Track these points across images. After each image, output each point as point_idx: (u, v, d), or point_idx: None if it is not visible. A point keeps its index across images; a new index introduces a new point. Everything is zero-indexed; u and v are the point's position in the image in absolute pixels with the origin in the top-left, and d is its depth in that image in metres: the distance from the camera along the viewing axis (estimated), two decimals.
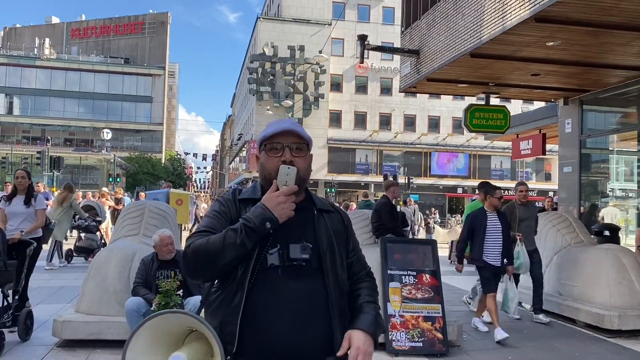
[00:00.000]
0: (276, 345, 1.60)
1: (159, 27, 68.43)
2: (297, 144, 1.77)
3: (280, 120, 1.88)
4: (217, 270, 1.63)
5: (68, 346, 5.06)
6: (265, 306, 1.62)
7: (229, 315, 1.62)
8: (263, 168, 1.77)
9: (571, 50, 8.05)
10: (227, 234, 1.60)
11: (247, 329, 1.61)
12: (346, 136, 44.51)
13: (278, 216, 1.62)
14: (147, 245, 5.71)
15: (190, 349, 1.60)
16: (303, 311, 1.63)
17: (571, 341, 6.06)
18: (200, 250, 1.60)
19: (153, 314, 1.61)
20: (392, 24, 42.91)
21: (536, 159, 42.76)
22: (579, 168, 11.41)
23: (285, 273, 1.65)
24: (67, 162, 40.46)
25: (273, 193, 1.65)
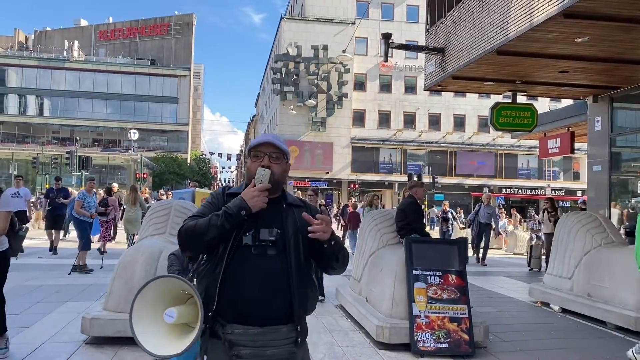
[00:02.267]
0: (246, 307, 2.03)
1: (185, 29, 69.16)
2: (275, 153, 2.22)
3: (265, 134, 2.39)
4: (202, 246, 2.09)
5: (96, 343, 5.13)
6: (239, 276, 2.06)
7: (211, 282, 2.06)
8: (248, 170, 2.26)
9: (601, 46, 7.87)
10: (212, 218, 2.07)
11: (224, 293, 2.04)
12: (370, 135, 44.35)
13: (252, 206, 2.08)
14: (173, 244, 5.76)
15: (182, 308, 2.01)
16: (268, 282, 2.06)
17: (601, 344, 5.93)
18: (190, 230, 2.08)
19: (155, 277, 2.04)
20: (417, 22, 42.66)
21: (564, 158, 42.03)
22: (609, 167, 11.15)
23: (256, 251, 2.10)
24: (95, 162, 41.15)
25: (250, 189, 2.12)
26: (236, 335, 2.02)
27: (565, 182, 46.02)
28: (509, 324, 6.80)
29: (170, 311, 1.95)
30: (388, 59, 11.08)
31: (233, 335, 2.02)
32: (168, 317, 1.95)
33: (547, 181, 43.43)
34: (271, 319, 2.05)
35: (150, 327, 1.98)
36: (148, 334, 1.96)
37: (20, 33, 74.85)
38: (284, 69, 43.52)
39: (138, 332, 1.94)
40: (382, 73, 44.85)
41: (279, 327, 2.06)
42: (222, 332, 2.03)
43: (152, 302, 1.99)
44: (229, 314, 2.03)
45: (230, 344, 2.02)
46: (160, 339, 1.97)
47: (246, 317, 2.02)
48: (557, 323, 6.90)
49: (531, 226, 19.04)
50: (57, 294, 7.67)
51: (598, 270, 7.11)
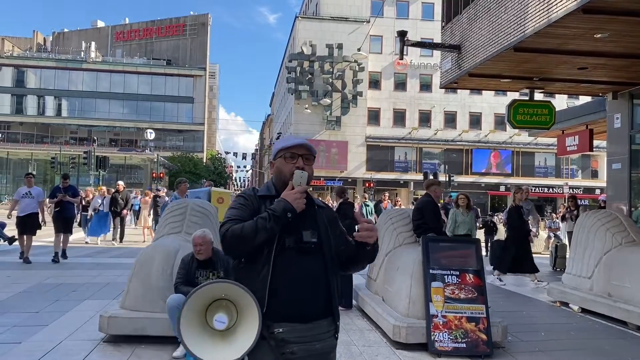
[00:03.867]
0: (294, 307, 2.09)
1: (200, 29, 69.53)
2: (308, 155, 2.28)
3: (292, 136, 2.49)
4: (250, 249, 2.09)
5: (114, 341, 5.17)
6: (284, 279, 2.10)
7: (259, 284, 2.08)
8: (280, 171, 2.29)
9: (621, 41, 7.74)
10: (258, 221, 2.08)
11: (273, 294, 2.07)
12: (385, 134, 44.18)
13: (295, 208, 2.12)
14: (190, 242, 5.78)
15: (223, 312, 2.00)
16: (310, 282, 2.14)
17: (621, 344, 5.83)
18: (237, 234, 2.07)
19: (209, 281, 2.07)
20: (432, 19, 42.34)
21: (582, 156, 41.49)
22: (629, 165, 10.97)
23: (298, 253, 2.14)
24: (112, 161, 41.55)
25: (290, 191, 2.15)
26: (287, 333, 2.08)
27: (583, 180, 45.41)
28: (527, 324, 6.71)
29: (221, 317, 1.95)
30: (403, 57, 11.00)
31: (284, 333, 2.07)
32: (219, 324, 1.94)
33: (565, 179, 42.86)
34: (314, 314, 2.14)
35: (197, 336, 1.96)
36: (199, 344, 1.94)
37: (39, 35, 75.89)
38: (298, 68, 43.53)
39: (191, 344, 1.91)
40: (397, 71, 44.60)
41: (321, 321, 2.16)
42: (268, 332, 2.07)
43: (196, 310, 1.98)
44: (277, 314, 2.07)
45: (282, 342, 2.07)
46: (210, 346, 1.96)
47: (293, 315, 2.09)
48: (576, 323, 6.80)
49: (549, 225, 18.81)
50: (75, 292, 7.75)
51: (619, 269, 6.98)
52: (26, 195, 10.73)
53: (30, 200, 10.74)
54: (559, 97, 33.75)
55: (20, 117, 62.44)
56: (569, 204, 13.09)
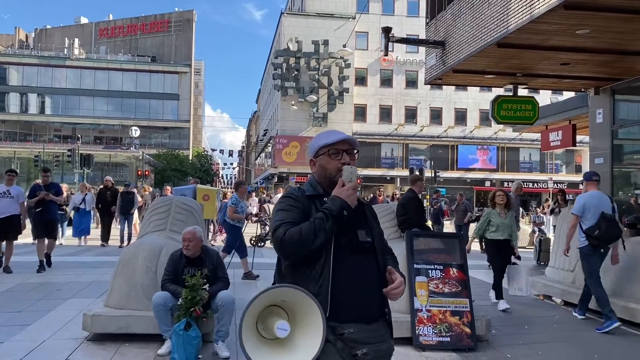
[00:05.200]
0: (357, 308, 2.04)
1: (185, 25, 69.07)
2: (350, 150, 2.21)
3: (332, 131, 2.30)
4: (310, 252, 2.01)
5: (98, 340, 5.14)
6: (344, 280, 2.03)
7: (320, 287, 2.01)
8: (324, 169, 2.21)
9: (602, 37, 7.81)
10: (316, 222, 2.00)
11: (333, 297, 2.01)
12: (371, 130, 44.30)
13: (350, 205, 2.06)
14: (174, 240, 5.77)
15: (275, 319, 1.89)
16: (367, 282, 2.08)
17: (604, 336, 5.91)
18: (296, 237, 1.98)
19: (271, 286, 1.90)
20: (417, 16, 42.45)
21: (566, 151, 41.91)
22: (611, 159, 11.10)
23: (353, 252, 2.08)
24: (97, 159, 41.19)
25: (342, 188, 2.08)
26: (357, 334, 2.02)
27: (567, 174, 45.92)
28: (511, 317, 6.79)
29: (283, 324, 1.85)
30: (389, 54, 11.03)
31: (355, 334, 2.02)
32: (282, 331, 1.84)
33: (550, 174, 43.31)
34: (374, 315, 2.10)
35: (258, 345, 1.86)
36: (261, 354, 1.85)
37: (21, 31, 74.88)
38: (284, 64, 43.46)
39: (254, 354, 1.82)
40: (383, 67, 44.74)
41: (380, 322, 2.13)
42: (335, 335, 1.99)
43: (255, 317, 1.89)
44: (340, 316, 2.01)
45: (353, 342, 2.01)
46: (271, 355, 1.87)
47: (357, 316, 2.04)
48: (559, 316, 6.88)
49: (534, 219, 19.02)
50: (59, 291, 7.68)
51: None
52: (4, 194, 9.22)
53: (10, 200, 9.23)
54: (543, 93, 34.09)
55: (3, 115, 61.57)
56: (558, 198, 13.25)
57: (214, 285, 4.88)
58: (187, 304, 4.59)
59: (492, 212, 7.46)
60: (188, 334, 4.51)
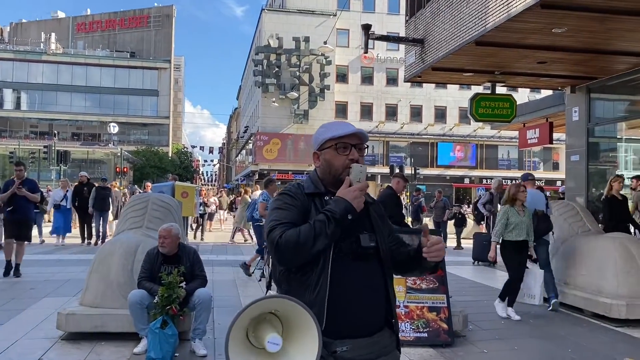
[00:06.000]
0: (355, 320, 1.85)
1: (165, 21, 68.40)
2: (360, 145, 1.99)
3: (341, 122, 2.09)
4: (308, 258, 1.82)
5: (72, 339, 5.06)
6: (342, 289, 1.84)
7: (315, 298, 1.82)
8: (329, 164, 1.98)
9: (578, 37, 7.93)
10: (316, 225, 1.80)
11: (331, 308, 1.81)
12: None
13: (356, 207, 1.84)
14: (150, 237, 5.71)
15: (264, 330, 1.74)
16: (369, 291, 1.89)
17: (578, 331, 6.01)
18: (293, 241, 1.78)
19: (262, 297, 1.72)
20: (398, 13, 42.58)
21: (544, 148, 42.52)
22: (587, 157, 11.28)
23: (355, 258, 1.88)
24: (75, 156, 40.64)
25: (349, 188, 1.86)
26: (351, 352, 1.84)
27: (545, 172, 46.54)
28: (488, 313, 6.85)
29: (274, 338, 1.68)
30: (370, 51, 11.06)
31: (348, 352, 1.83)
32: (273, 346, 1.67)
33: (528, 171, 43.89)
34: (376, 326, 1.92)
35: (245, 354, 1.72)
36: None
37: None
38: (265, 60, 43.26)
39: None
40: (363, 65, 44.83)
41: (383, 332, 1.94)
42: (329, 352, 1.81)
43: (244, 327, 1.73)
44: (337, 330, 1.82)
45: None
46: None
47: (355, 330, 1.86)
48: (535, 311, 6.97)
49: None
50: (33, 290, 7.54)
51: (575, 258, 7.20)
52: None
53: None
54: (521, 91, 34.47)
55: None
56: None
57: (191, 283, 4.84)
58: (163, 302, 4.55)
59: (510, 210, 6.67)
60: (164, 332, 4.46)
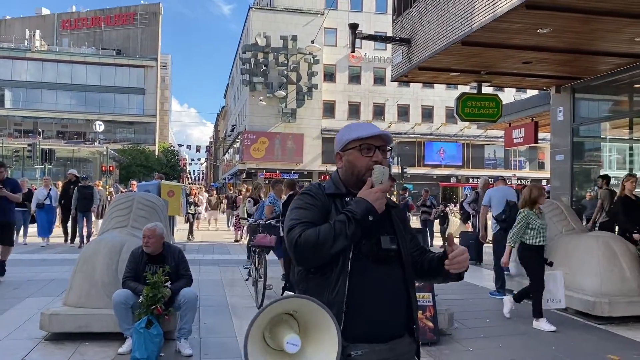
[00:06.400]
0: (373, 324, 1.83)
1: (151, 18, 67.88)
2: (384, 147, 1.99)
3: (365, 123, 2.08)
4: (326, 258, 1.80)
5: (56, 339, 5.01)
6: (361, 292, 1.83)
7: (334, 299, 1.80)
8: (352, 165, 1.97)
9: (562, 37, 8.01)
10: (336, 226, 1.79)
11: (348, 311, 1.80)
12: (340, 126, 43.14)
13: (377, 209, 1.83)
14: (136, 237, 5.66)
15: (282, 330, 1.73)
16: (389, 295, 1.87)
17: (561, 328, 6.07)
18: (312, 241, 1.78)
19: (282, 296, 1.72)
20: (385, 13, 42.67)
21: (530, 148, 42.86)
22: (571, 156, 11.40)
23: (375, 261, 1.87)
24: (60, 154, 40.22)
25: (370, 189, 1.86)
26: (366, 356, 1.81)
27: (531, 171, 46.97)
28: (473, 311, 6.90)
29: (293, 338, 1.67)
30: (357, 50, 11.08)
31: (363, 356, 1.81)
32: (292, 347, 1.66)
33: (514, 171, 44.28)
34: (395, 332, 1.88)
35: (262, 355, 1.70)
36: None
37: None
38: (252, 59, 43.14)
39: None
40: (351, 64, 44.89)
41: (402, 339, 1.91)
42: (344, 355, 1.77)
43: (262, 327, 1.71)
44: (353, 334, 1.80)
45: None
46: None
47: (372, 334, 1.83)
48: (519, 309, 7.01)
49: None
50: (17, 290, 7.46)
51: (559, 256, 7.25)
52: None
53: None
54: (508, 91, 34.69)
55: None
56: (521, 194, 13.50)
57: (176, 283, 4.82)
58: (148, 301, 4.52)
59: (530, 213, 6.38)
60: (149, 332, 4.44)
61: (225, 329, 5.72)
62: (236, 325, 5.86)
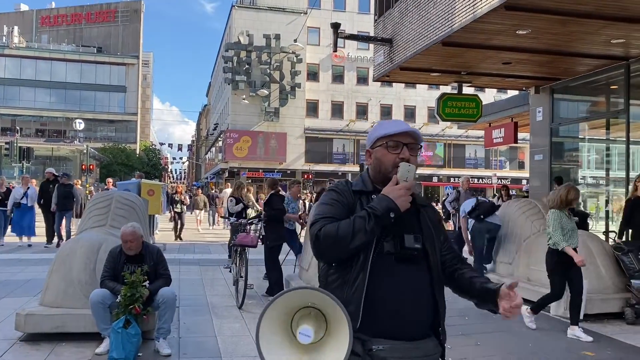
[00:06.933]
0: (394, 321, 1.81)
1: (133, 16, 67.20)
2: (413, 145, 1.97)
3: (395, 120, 2.09)
4: (345, 253, 1.81)
5: (32, 340, 4.94)
6: (383, 289, 1.81)
7: (353, 295, 1.80)
8: (380, 163, 1.97)
9: (541, 38, 8.11)
10: (356, 221, 1.78)
11: (368, 306, 1.79)
12: (323, 126, 44.44)
13: (400, 207, 1.81)
14: (114, 236, 5.61)
15: (306, 323, 1.71)
16: (413, 294, 1.83)
17: (539, 326, 6.15)
18: (331, 235, 1.78)
19: (292, 287, 1.69)
20: (368, 12, 42.80)
21: (510, 148, 43.34)
22: (550, 156, 11.56)
23: (398, 260, 1.84)
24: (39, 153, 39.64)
25: (394, 186, 1.84)
26: (388, 352, 1.79)
27: (511, 171, 47.50)
28: (452, 309, 6.87)
29: (306, 330, 1.67)
30: (340, 50, 11.16)
31: (385, 351, 1.78)
32: (304, 337, 1.66)
33: (494, 170, 44.73)
34: (419, 332, 1.86)
35: (278, 348, 1.71)
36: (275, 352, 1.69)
37: None
38: (235, 57, 42.95)
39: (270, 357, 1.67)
40: (334, 64, 44.92)
41: (425, 341, 1.87)
42: (365, 350, 1.79)
43: (280, 317, 1.72)
44: (373, 329, 1.80)
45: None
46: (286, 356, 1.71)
47: (393, 331, 1.81)
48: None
49: None
50: None
51: (537, 255, 7.35)
52: None
53: None
54: (488, 92, 35.10)
55: None
56: (502, 193, 13.65)
57: (155, 282, 4.78)
58: (126, 301, 4.48)
59: (562, 213, 5.85)
60: (127, 331, 4.40)
61: (205, 329, 5.69)
62: (216, 325, 5.84)
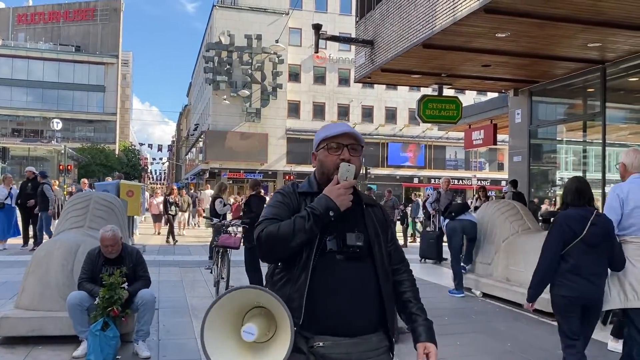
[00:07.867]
0: (336, 318, 1.85)
1: (112, 14, 66.39)
2: (354, 145, 1.99)
3: (337, 123, 2.17)
4: (287, 252, 1.86)
5: (7, 344, 4.85)
6: (326, 286, 1.85)
7: (295, 292, 1.84)
8: (322, 164, 2.01)
9: (520, 41, 8.23)
10: (296, 221, 1.84)
11: (311, 303, 1.83)
12: (305, 127, 44.38)
13: (339, 206, 1.86)
14: (92, 237, 5.53)
15: (255, 322, 1.74)
16: (357, 291, 1.88)
17: (517, 325, 6.23)
18: (273, 235, 1.84)
19: (233, 288, 1.73)
20: (350, 14, 42.88)
21: (489, 149, 43.78)
22: (529, 157, 11.72)
23: (342, 257, 1.89)
24: (15, 153, 38.94)
25: (335, 186, 1.89)
26: (328, 348, 1.84)
27: (490, 172, 47.99)
28: (432, 309, 6.92)
29: (250, 328, 1.70)
30: (322, 51, 11.15)
31: (325, 348, 1.84)
32: (248, 335, 1.69)
33: (474, 172, 45.15)
34: (362, 328, 1.89)
35: (222, 347, 1.73)
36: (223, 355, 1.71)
37: None
38: (216, 57, 42.70)
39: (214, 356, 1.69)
40: (316, 64, 44.94)
41: (369, 336, 1.91)
42: (308, 346, 1.84)
43: (226, 318, 1.75)
44: (316, 326, 1.84)
45: (322, 358, 1.84)
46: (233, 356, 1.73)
47: (336, 328, 1.85)
48: (477, 307, 7.19)
49: None
50: None
51: (515, 255, 7.46)
52: None
53: None
54: (469, 94, 35.46)
55: None
56: (480, 194, 13.79)
57: (134, 284, 4.73)
58: (104, 303, 4.42)
59: None
60: (105, 334, 4.35)
61: (185, 331, 5.65)
62: (196, 327, 5.79)
